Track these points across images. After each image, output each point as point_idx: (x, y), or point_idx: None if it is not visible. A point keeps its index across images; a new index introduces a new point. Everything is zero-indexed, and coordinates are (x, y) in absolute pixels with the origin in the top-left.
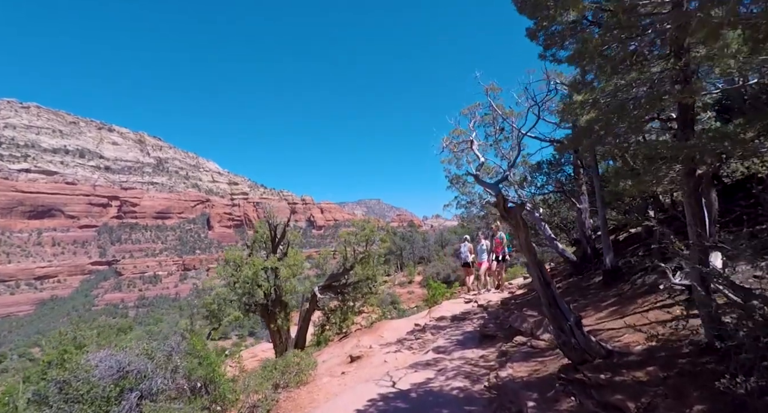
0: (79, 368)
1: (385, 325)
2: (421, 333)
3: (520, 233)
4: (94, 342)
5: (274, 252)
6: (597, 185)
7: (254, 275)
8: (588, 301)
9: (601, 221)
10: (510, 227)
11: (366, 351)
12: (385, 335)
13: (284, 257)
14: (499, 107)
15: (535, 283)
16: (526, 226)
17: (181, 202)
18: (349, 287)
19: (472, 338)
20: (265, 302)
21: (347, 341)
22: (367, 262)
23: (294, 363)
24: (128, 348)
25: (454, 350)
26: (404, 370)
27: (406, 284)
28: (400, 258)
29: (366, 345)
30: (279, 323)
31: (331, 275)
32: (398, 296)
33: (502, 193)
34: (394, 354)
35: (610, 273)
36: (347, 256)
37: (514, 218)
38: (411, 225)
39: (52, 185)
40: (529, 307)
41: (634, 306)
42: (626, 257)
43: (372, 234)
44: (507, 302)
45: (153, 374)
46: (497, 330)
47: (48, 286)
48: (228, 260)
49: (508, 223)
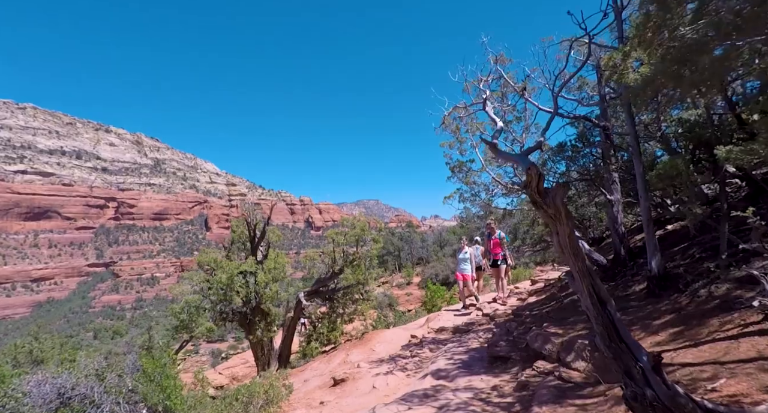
0: (6, 396)
1: (377, 336)
2: (418, 349)
3: (562, 227)
4: (54, 358)
5: (253, 254)
6: (639, 169)
7: (229, 280)
8: (631, 317)
9: (644, 214)
10: (545, 218)
11: (352, 372)
12: (377, 348)
13: (265, 259)
14: (510, 78)
15: (583, 301)
16: (570, 216)
17: (179, 203)
18: (339, 292)
19: (479, 358)
20: (243, 310)
21: (335, 354)
22: (358, 265)
23: (260, 392)
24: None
25: (458, 375)
26: (395, 406)
27: (404, 285)
28: (398, 259)
29: (354, 362)
30: (259, 334)
31: (318, 280)
32: (396, 298)
33: (537, 167)
34: (385, 376)
35: (658, 281)
36: (336, 258)
37: (553, 204)
38: (409, 226)
39: (48, 187)
40: (551, 322)
41: (709, 329)
42: (675, 260)
43: (363, 234)
44: (519, 312)
45: (102, 399)
46: (511, 350)
47: (44, 288)
48: (201, 264)
49: (542, 212)
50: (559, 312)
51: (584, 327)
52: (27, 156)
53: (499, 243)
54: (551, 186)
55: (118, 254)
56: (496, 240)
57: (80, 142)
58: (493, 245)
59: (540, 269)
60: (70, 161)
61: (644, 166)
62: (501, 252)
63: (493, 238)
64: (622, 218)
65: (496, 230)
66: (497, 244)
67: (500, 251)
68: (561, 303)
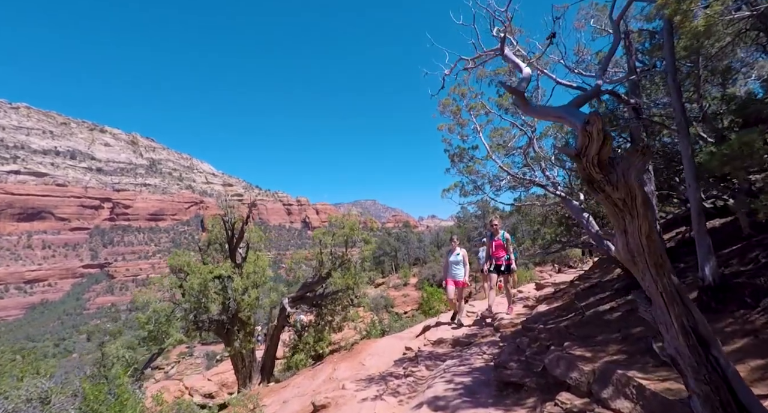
0: None
1: (368, 347)
2: (413, 366)
3: (635, 221)
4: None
5: (231, 257)
6: (687, 152)
7: (202, 285)
8: None
9: (694, 207)
10: (608, 207)
11: (336, 396)
12: (367, 362)
13: (244, 262)
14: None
15: (669, 341)
16: (648, 203)
17: (175, 204)
18: (327, 298)
19: (485, 383)
20: (220, 319)
21: (321, 368)
22: (348, 268)
23: None
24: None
25: (460, 406)
26: None
27: (401, 286)
28: (394, 260)
29: (341, 380)
30: (237, 345)
31: (303, 285)
32: (392, 299)
33: (600, 119)
34: (372, 402)
35: (714, 292)
36: (323, 261)
37: (624, 184)
38: (406, 225)
39: (42, 187)
40: (573, 340)
41: None
42: (731, 266)
43: (352, 233)
44: (530, 325)
45: None
46: (524, 375)
47: (38, 290)
48: (173, 267)
49: (602, 198)
50: (582, 327)
51: (620, 349)
52: (20, 156)
53: (502, 245)
54: (619, 156)
55: (113, 256)
56: (499, 242)
57: (75, 142)
58: (495, 247)
59: (539, 269)
60: (64, 162)
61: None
62: (505, 256)
63: (496, 239)
64: (656, 213)
65: (500, 229)
66: (500, 246)
67: (503, 255)
68: (582, 316)
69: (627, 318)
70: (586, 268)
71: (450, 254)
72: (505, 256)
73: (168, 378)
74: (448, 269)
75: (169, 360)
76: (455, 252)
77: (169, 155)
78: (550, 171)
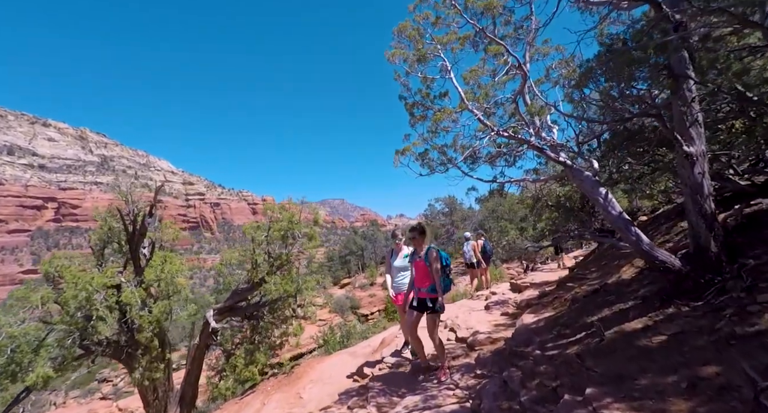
0: None
1: (312, 370)
2: (360, 405)
3: None
4: None
5: (134, 261)
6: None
7: (83, 300)
8: None
9: None
10: None
11: None
12: (306, 393)
13: (147, 266)
14: None
15: None
16: None
17: None
18: (263, 308)
19: None
20: (115, 340)
21: (249, 401)
22: (288, 270)
23: None
24: None
25: None
26: None
27: (368, 286)
28: (361, 259)
29: None
30: (137, 376)
31: (234, 292)
32: (358, 300)
33: None
34: None
35: None
36: (258, 262)
37: None
38: (374, 224)
39: None
40: (595, 383)
41: None
42: None
43: (291, 227)
44: (518, 348)
45: None
46: None
47: None
48: (48, 275)
49: None
50: (605, 357)
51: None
52: None
53: (426, 270)
54: None
55: None
56: (421, 263)
57: (12, 136)
58: (416, 270)
59: (507, 266)
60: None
61: None
62: (429, 286)
63: (417, 259)
64: (709, 185)
65: (423, 245)
66: (423, 270)
67: (428, 284)
68: (602, 339)
69: (681, 347)
70: (555, 266)
71: (394, 255)
72: (430, 286)
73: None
74: (392, 277)
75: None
76: (401, 253)
77: (122, 151)
78: (548, 134)
